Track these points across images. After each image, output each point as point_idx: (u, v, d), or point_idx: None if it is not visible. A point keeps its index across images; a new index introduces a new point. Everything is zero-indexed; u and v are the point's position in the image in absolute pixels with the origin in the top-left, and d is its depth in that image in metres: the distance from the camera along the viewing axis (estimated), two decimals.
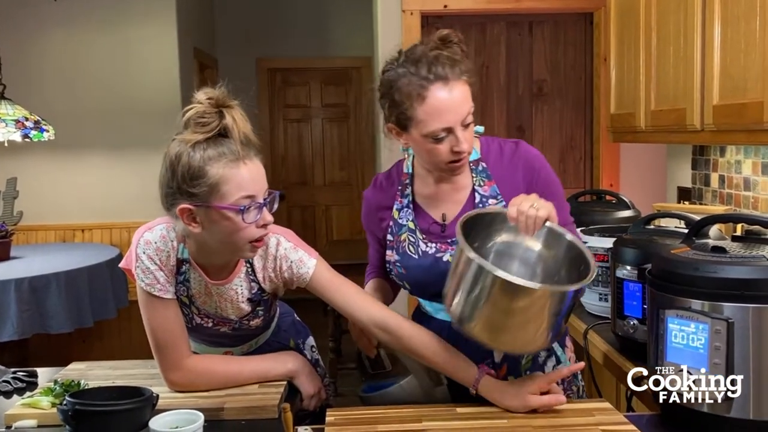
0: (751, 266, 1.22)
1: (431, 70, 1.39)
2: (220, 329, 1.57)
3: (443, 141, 1.43)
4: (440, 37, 1.45)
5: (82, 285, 3.61)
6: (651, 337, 1.35)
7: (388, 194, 1.64)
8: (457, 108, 1.41)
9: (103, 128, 4.70)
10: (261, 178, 1.40)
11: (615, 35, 2.64)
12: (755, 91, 1.67)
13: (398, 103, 1.43)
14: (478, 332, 1.31)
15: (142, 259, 1.47)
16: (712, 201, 2.56)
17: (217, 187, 1.34)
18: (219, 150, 1.36)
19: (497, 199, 1.54)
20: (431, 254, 1.55)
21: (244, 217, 1.36)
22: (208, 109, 1.37)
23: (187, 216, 1.38)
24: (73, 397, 1.27)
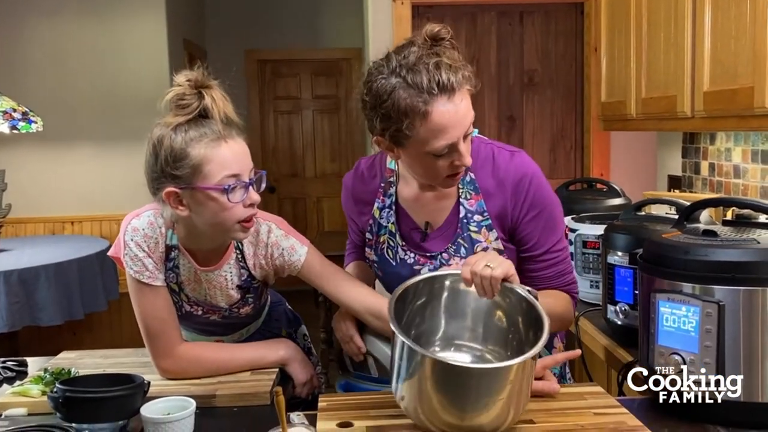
0: (742, 249, 1.22)
1: (433, 82, 1.23)
2: (210, 317, 1.57)
3: (444, 157, 1.30)
4: (431, 35, 1.28)
5: (72, 277, 3.59)
6: (642, 321, 1.35)
7: (370, 188, 1.54)
8: (462, 121, 1.27)
9: (92, 119, 4.68)
10: (244, 156, 1.39)
11: (605, 23, 2.65)
12: (745, 77, 1.67)
13: (393, 119, 1.27)
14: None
15: (130, 246, 1.47)
16: (702, 189, 2.57)
17: (200, 168, 1.34)
18: (200, 131, 1.35)
19: (483, 215, 1.43)
20: (409, 264, 1.48)
21: (230, 196, 1.35)
22: (188, 90, 1.36)
23: (173, 199, 1.37)
24: (63, 385, 1.26)
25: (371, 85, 1.29)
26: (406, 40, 1.31)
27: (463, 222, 1.43)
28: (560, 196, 2.55)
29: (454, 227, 1.45)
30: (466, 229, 1.43)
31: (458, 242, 1.44)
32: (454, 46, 1.30)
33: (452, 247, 1.44)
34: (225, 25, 6.21)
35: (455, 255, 1.44)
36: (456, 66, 1.26)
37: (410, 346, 1.11)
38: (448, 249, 1.45)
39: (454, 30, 4.04)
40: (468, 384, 1.10)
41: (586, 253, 2.07)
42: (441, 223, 1.47)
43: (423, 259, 1.47)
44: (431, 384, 1.11)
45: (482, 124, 3.78)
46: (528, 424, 1.22)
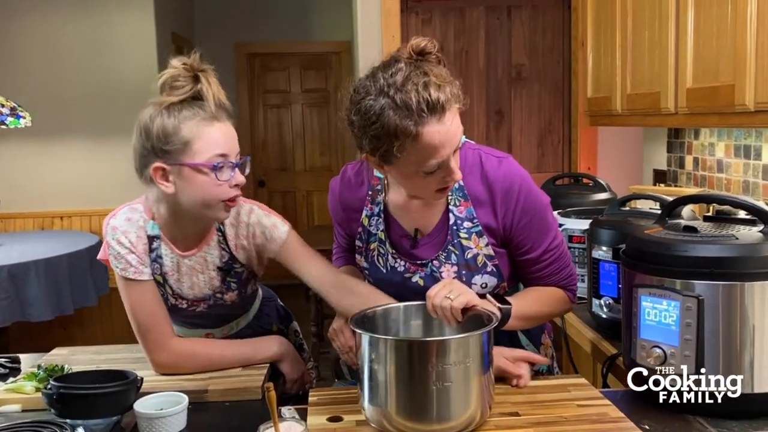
0: (721, 245, 1.25)
1: (422, 103, 1.21)
2: (197, 309, 1.59)
3: (434, 174, 1.29)
4: (417, 50, 1.27)
5: (62, 272, 3.60)
6: (625, 315, 1.39)
7: (356, 195, 1.53)
8: (452, 140, 1.27)
9: (81, 114, 4.66)
10: (233, 139, 1.45)
11: (592, 19, 2.67)
12: (726, 75, 1.70)
13: (382, 140, 1.25)
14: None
15: (112, 246, 1.51)
16: (687, 183, 2.61)
17: (190, 144, 1.38)
18: (193, 111, 1.41)
19: (473, 222, 1.43)
20: (400, 272, 1.48)
21: (218, 174, 1.40)
22: (183, 73, 1.42)
23: (160, 175, 1.41)
24: (57, 381, 1.28)
25: (359, 106, 1.26)
26: (391, 56, 1.29)
27: (453, 229, 1.43)
28: (547, 190, 2.59)
29: (444, 234, 1.45)
30: (456, 236, 1.43)
31: (449, 249, 1.44)
32: (441, 60, 1.29)
33: (443, 254, 1.44)
34: (214, 19, 6.19)
35: (446, 262, 1.44)
36: (444, 85, 1.24)
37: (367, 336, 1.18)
38: (439, 256, 1.45)
39: (443, 24, 4.04)
40: (416, 358, 1.15)
41: (572, 247, 2.09)
42: (431, 229, 1.47)
43: (413, 267, 1.47)
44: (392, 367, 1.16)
45: (471, 118, 3.80)
46: (513, 417, 1.25)
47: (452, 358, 1.14)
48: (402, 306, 1.38)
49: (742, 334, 1.24)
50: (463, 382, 1.16)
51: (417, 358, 1.15)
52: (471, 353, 1.16)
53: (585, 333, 1.83)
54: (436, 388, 1.14)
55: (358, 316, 1.29)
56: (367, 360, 1.19)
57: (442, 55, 1.30)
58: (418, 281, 1.47)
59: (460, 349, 1.16)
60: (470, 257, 1.44)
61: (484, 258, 1.44)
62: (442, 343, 1.18)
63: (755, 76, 1.59)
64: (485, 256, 1.44)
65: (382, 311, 1.36)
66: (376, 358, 1.17)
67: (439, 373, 1.14)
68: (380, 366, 1.17)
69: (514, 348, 1.48)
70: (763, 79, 1.56)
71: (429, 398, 1.15)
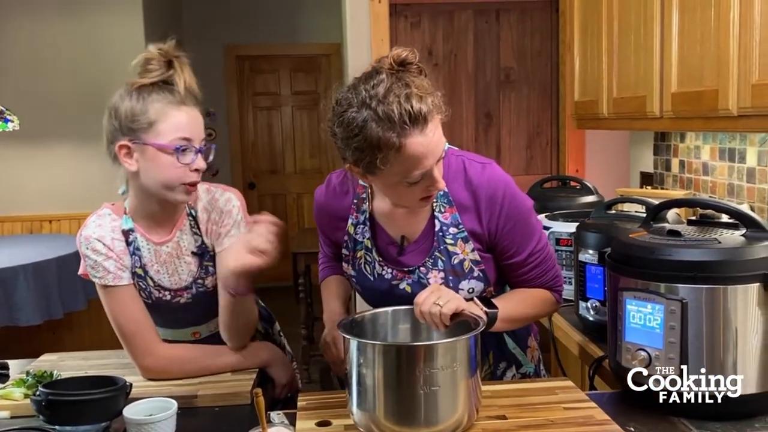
0: (704, 249, 1.27)
1: (405, 115, 1.22)
2: (180, 300, 1.59)
3: (418, 184, 1.31)
4: (398, 60, 1.27)
5: (50, 276, 3.58)
6: (610, 317, 1.40)
7: (341, 204, 1.53)
8: (435, 150, 1.28)
9: (69, 117, 4.64)
10: (198, 125, 1.48)
11: (578, 24, 2.70)
12: (710, 79, 1.73)
13: (366, 152, 1.26)
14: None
15: (88, 256, 1.52)
16: (674, 186, 2.63)
17: (155, 125, 1.42)
18: (162, 94, 1.44)
19: (458, 228, 1.44)
20: (387, 279, 1.49)
21: (179, 156, 1.43)
22: (157, 57, 1.46)
23: (124, 153, 1.45)
24: (46, 388, 1.29)
25: (341, 118, 1.27)
26: (372, 66, 1.29)
27: (439, 235, 1.44)
28: (534, 193, 2.62)
29: (430, 240, 1.46)
30: (442, 242, 1.44)
31: (435, 255, 1.45)
32: (422, 71, 1.30)
33: (429, 260, 1.45)
34: (203, 22, 6.18)
35: (433, 268, 1.45)
36: (426, 96, 1.25)
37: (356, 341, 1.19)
38: (426, 263, 1.45)
39: (432, 28, 4.04)
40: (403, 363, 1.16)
41: (559, 250, 2.11)
42: (417, 236, 1.47)
43: (400, 274, 1.48)
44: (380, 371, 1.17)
45: (459, 121, 3.82)
46: (500, 420, 1.26)
47: (439, 363, 1.15)
48: (390, 310, 1.39)
49: (725, 337, 1.25)
50: (451, 386, 1.17)
51: (405, 362, 1.16)
52: (458, 357, 1.18)
53: (572, 335, 1.84)
54: (424, 392, 1.15)
55: (347, 320, 1.30)
56: (355, 365, 1.20)
57: (423, 65, 1.30)
58: (405, 288, 1.48)
59: (447, 353, 1.17)
60: (457, 263, 1.45)
61: (470, 263, 1.45)
62: (430, 347, 1.18)
63: (738, 81, 1.61)
64: (471, 261, 1.45)
65: (371, 316, 1.37)
66: (364, 362, 1.18)
67: (426, 378, 1.15)
68: (368, 370, 1.18)
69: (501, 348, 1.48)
70: (745, 84, 1.58)
71: (417, 402, 1.16)
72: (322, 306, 1.61)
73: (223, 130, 6.38)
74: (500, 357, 1.59)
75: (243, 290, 1.47)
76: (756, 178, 2.12)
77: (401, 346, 1.26)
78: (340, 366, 1.47)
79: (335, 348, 1.47)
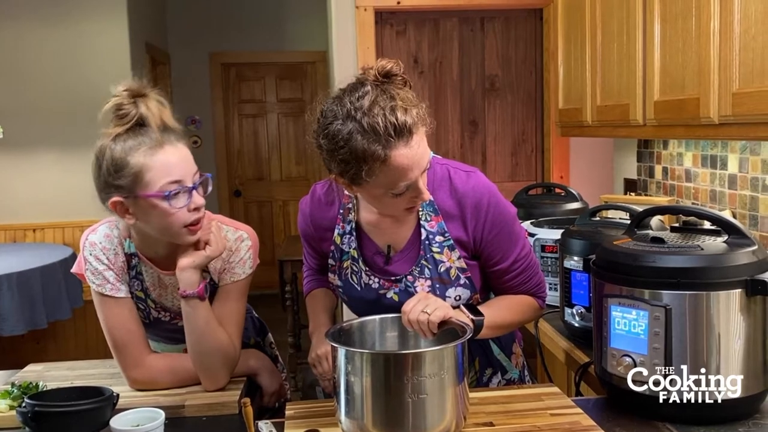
0: (687, 255, 1.28)
1: (390, 128, 1.23)
2: (178, 323, 1.58)
3: (403, 195, 1.32)
4: (382, 72, 1.28)
5: (35, 286, 3.56)
6: (596, 324, 1.42)
7: (327, 215, 1.53)
8: (420, 162, 1.29)
9: (54, 125, 4.62)
10: (185, 162, 1.41)
11: (562, 32, 2.72)
12: (692, 88, 1.75)
13: (352, 165, 1.27)
14: None
15: (90, 261, 1.50)
16: (657, 192, 2.66)
17: (141, 176, 1.37)
18: (138, 140, 1.38)
19: (444, 236, 1.45)
20: (374, 289, 1.49)
21: (171, 202, 1.38)
22: (126, 100, 1.40)
23: (119, 208, 1.41)
24: (32, 399, 1.28)
25: (327, 131, 1.28)
26: (357, 78, 1.30)
27: (425, 244, 1.45)
28: (520, 200, 2.64)
29: (416, 249, 1.46)
30: (428, 251, 1.45)
31: (422, 264, 1.45)
32: (406, 82, 1.31)
33: (416, 269, 1.46)
34: (188, 29, 6.17)
35: (420, 276, 1.46)
36: (410, 108, 1.26)
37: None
38: (413, 271, 1.46)
39: (417, 36, 4.06)
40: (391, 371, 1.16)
41: (544, 256, 2.13)
42: (403, 245, 1.48)
43: (388, 283, 1.48)
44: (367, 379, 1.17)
45: (445, 128, 3.84)
46: (487, 427, 1.27)
47: (427, 371, 1.16)
48: (378, 318, 1.40)
49: (708, 342, 1.27)
50: (438, 393, 1.18)
51: (392, 370, 1.17)
52: (445, 365, 1.18)
53: (558, 341, 1.86)
54: (412, 400, 1.16)
55: (334, 329, 1.31)
56: (343, 373, 1.20)
57: (407, 76, 1.32)
58: (392, 297, 1.48)
59: (434, 361, 1.17)
60: (443, 271, 1.46)
61: (456, 271, 1.46)
62: (417, 355, 1.19)
63: (719, 89, 1.64)
64: (458, 269, 1.46)
65: (359, 324, 1.38)
66: (352, 371, 1.19)
67: (414, 386, 1.15)
68: (356, 379, 1.18)
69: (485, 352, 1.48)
70: (726, 92, 1.61)
71: (404, 410, 1.16)
72: (309, 319, 1.61)
73: (208, 138, 6.37)
74: (486, 363, 1.60)
75: (192, 292, 1.45)
76: (737, 184, 2.15)
77: (389, 354, 1.27)
78: (330, 381, 1.46)
79: (325, 362, 1.46)
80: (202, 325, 1.47)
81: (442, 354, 1.19)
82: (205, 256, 1.45)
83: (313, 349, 1.50)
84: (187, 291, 1.45)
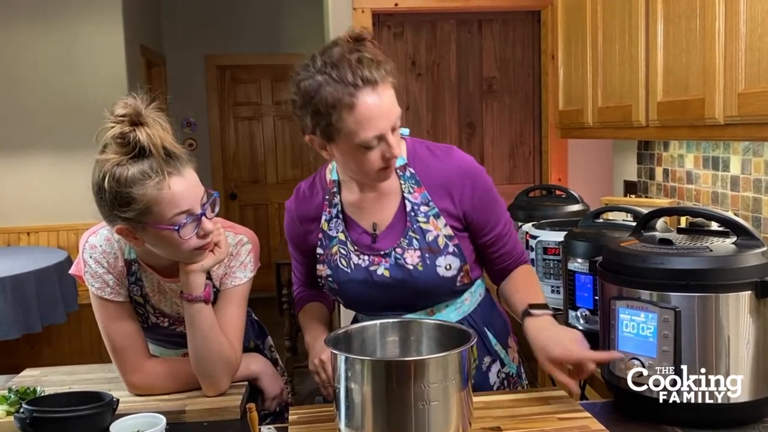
0: (696, 257, 1.27)
1: (357, 75, 1.30)
2: (177, 329, 1.56)
3: (374, 149, 1.36)
4: (353, 37, 1.35)
5: (29, 289, 3.52)
6: (602, 326, 1.40)
7: (312, 205, 1.56)
8: (388, 113, 1.34)
9: (48, 128, 4.59)
10: (192, 190, 1.36)
11: (562, 33, 2.71)
12: (696, 88, 1.74)
13: (322, 114, 1.33)
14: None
15: (89, 264, 1.47)
16: (657, 194, 2.65)
17: (149, 209, 1.31)
18: (141, 169, 1.30)
19: (429, 206, 1.48)
20: (363, 267, 1.50)
21: (181, 233, 1.34)
22: (127, 128, 1.31)
23: (126, 233, 1.37)
24: (30, 405, 1.25)
25: (300, 86, 1.36)
26: (329, 41, 1.38)
27: (411, 215, 1.48)
28: (520, 202, 2.63)
29: (402, 222, 1.49)
30: (414, 222, 1.48)
31: (410, 235, 1.48)
32: (376, 47, 1.37)
33: (404, 240, 1.48)
34: (183, 31, 6.15)
35: (408, 248, 1.48)
36: (378, 60, 1.34)
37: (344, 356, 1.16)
38: (401, 243, 1.48)
39: (415, 38, 4.05)
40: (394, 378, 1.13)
41: (546, 259, 2.12)
42: (389, 221, 1.51)
43: (377, 259, 1.49)
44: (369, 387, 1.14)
45: (443, 130, 3.83)
46: (495, 431, 1.25)
47: (432, 377, 1.12)
48: (378, 323, 1.36)
49: (717, 345, 1.25)
50: (443, 401, 1.14)
51: (395, 378, 1.13)
52: (450, 371, 1.14)
53: None
54: (416, 408, 1.12)
55: (333, 335, 1.27)
56: (343, 380, 1.17)
57: (377, 43, 1.39)
58: (383, 273, 1.49)
59: (439, 367, 1.14)
60: (431, 240, 1.48)
61: (444, 239, 1.48)
62: (422, 362, 1.16)
63: (724, 90, 1.62)
64: (445, 236, 1.48)
65: (359, 329, 1.34)
66: (352, 378, 1.15)
67: (418, 394, 1.12)
68: (357, 387, 1.14)
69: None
70: (732, 93, 1.59)
71: (408, 419, 1.13)
72: (304, 332, 1.59)
73: (203, 141, 6.34)
74: (485, 351, 1.59)
75: (198, 295, 1.42)
76: (740, 186, 2.14)
77: (391, 361, 1.23)
78: (331, 388, 1.43)
79: (330, 368, 1.43)
80: (206, 329, 1.44)
81: (446, 360, 1.16)
82: (214, 259, 1.43)
83: (315, 355, 1.48)
84: (193, 294, 1.42)
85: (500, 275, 1.61)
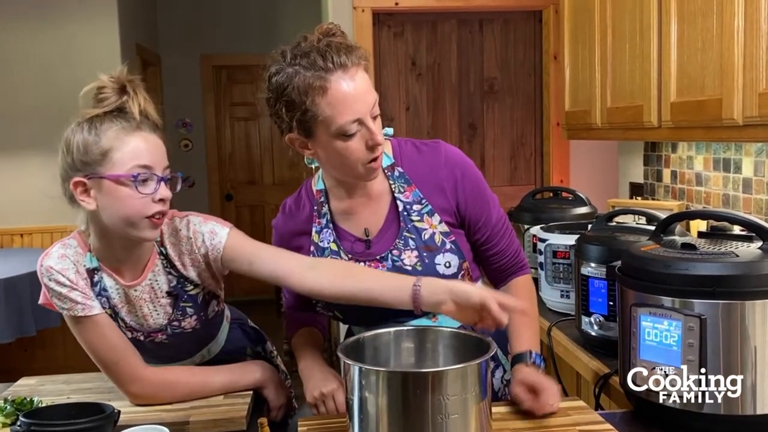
0: (721, 263, 1.22)
1: (327, 59, 1.29)
2: (155, 339, 1.49)
3: (355, 136, 1.32)
4: (322, 31, 1.34)
5: (23, 292, 3.46)
6: (623, 334, 1.35)
7: (300, 219, 1.51)
8: (363, 96, 1.31)
9: (42, 127, 4.50)
10: (158, 151, 1.36)
11: (569, 33, 2.67)
12: (713, 89, 1.69)
13: (296, 104, 1.30)
14: None
15: (51, 287, 1.40)
16: (665, 196, 2.61)
17: (109, 155, 1.31)
18: (115, 121, 1.33)
19: (422, 204, 1.44)
20: None
21: (139, 186, 1.31)
22: (109, 84, 1.36)
23: (80, 190, 1.33)
24: (27, 417, 1.20)
25: (271, 80, 1.34)
26: (298, 36, 1.37)
27: (404, 215, 1.45)
28: (526, 204, 2.58)
29: (396, 223, 1.45)
30: (408, 221, 1.44)
31: (405, 236, 1.44)
32: (345, 38, 1.36)
33: (400, 241, 1.44)
34: (179, 31, 6.09)
35: (405, 249, 1.43)
36: (348, 45, 1.32)
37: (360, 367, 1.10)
38: (397, 244, 1.44)
39: (415, 38, 4.02)
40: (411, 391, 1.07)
41: (556, 262, 2.07)
42: (382, 224, 1.47)
43: (374, 264, 1.45)
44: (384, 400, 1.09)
45: (443, 131, 3.78)
46: None
47: (451, 390, 1.07)
48: (392, 331, 1.31)
49: (743, 354, 1.21)
50: (463, 414, 1.09)
51: (412, 390, 1.07)
52: (470, 383, 1.10)
53: (573, 351, 1.79)
54: (434, 422, 1.07)
55: (345, 344, 1.21)
56: (357, 392, 1.11)
57: (346, 36, 1.37)
58: None
59: (458, 379, 1.09)
60: (428, 238, 1.44)
61: (441, 236, 1.44)
62: (440, 374, 1.11)
63: (743, 89, 1.58)
64: (441, 233, 1.44)
65: (372, 336, 1.28)
66: (367, 389, 1.10)
67: (436, 407, 1.07)
68: (372, 399, 1.10)
69: None
70: (752, 92, 1.55)
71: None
72: (297, 359, 1.52)
73: (199, 141, 6.28)
74: None
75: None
76: (753, 188, 2.09)
77: (409, 372, 1.17)
78: (329, 403, 1.39)
79: (331, 402, 1.37)
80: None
81: (466, 371, 1.11)
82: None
83: (315, 388, 1.39)
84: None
85: (497, 275, 1.56)
